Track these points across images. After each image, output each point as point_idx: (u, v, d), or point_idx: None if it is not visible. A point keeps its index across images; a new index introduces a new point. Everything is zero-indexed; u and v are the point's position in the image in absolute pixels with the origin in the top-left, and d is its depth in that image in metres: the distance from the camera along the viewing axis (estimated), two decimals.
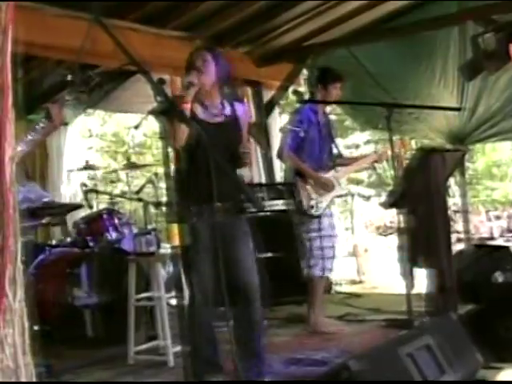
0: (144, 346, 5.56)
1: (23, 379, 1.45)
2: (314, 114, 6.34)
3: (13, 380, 1.43)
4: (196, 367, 3.90)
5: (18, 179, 1.49)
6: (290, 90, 9.49)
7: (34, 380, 1.47)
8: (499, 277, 6.77)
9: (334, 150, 6.61)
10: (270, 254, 7.18)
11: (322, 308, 6.43)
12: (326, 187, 6.25)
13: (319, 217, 6.20)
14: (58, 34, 6.28)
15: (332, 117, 8.31)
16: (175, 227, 2.63)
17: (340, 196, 6.69)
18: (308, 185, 6.21)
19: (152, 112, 2.87)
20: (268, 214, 7.23)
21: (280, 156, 6.47)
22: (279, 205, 7.30)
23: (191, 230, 4.36)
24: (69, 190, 8.91)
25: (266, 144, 8.82)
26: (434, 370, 2.91)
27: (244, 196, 4.65)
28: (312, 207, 6.17)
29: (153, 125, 17.88)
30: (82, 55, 3.41)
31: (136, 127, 5.05)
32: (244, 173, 5.34)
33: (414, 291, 5.06)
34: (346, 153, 7.23)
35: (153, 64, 3.00)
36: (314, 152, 6.32)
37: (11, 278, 1.45)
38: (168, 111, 2.78)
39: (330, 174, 6.37)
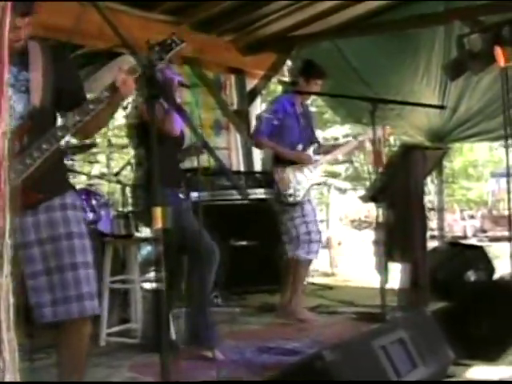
0: (116, 328, 5.56)
1: (6, 355, 1.45)
2: (290, 105, 6.42)
3: None
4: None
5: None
6: (275, 79, 9.51)
7: (16, 355, 1.48)
8: (472, 276, 6.83)
9: (314, 141, 6.66)
10: (244, 243, 7.21)
11: (303, 296, 6.51)
12: (305, 162, 6.31)
13: (298, 204, 6.25)
14: (44, 12, 6.23)
15: (312, 109, 8.34)
16: (156, 210, 2.63)
17: (317, 184, 6.70)
18: (286, 170, 6.26)
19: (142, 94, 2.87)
20: (245, 202, 7.23)
21: (252, 141, 6.52)
22: (257, 193, 7.30)
23: (176, 212, 4.61)
24: None
25: (246, 132, 8.82)
26: (406, 363, 2.94)
27: (230, 183, 4.78)
28: (290, 195, 6.21)
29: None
30: (73, 35, 3.39)
31: (125, 108, 5.08)
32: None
33: (388, 286, 5.09)
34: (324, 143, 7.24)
35: (139, 47, 2.99)
36: (290, 142, 6.39)
37: None
38: (159, 96, 2.78)
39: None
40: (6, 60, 1.47)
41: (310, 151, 6.45)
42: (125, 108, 5.24)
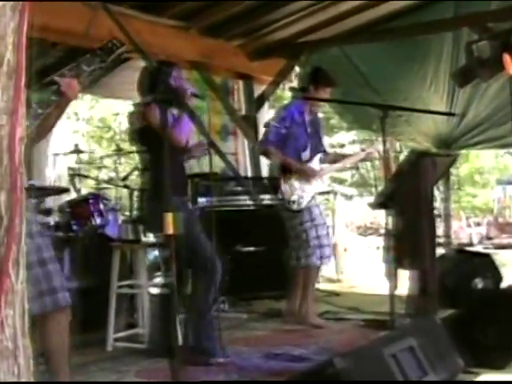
0: (123, 333, 5.56)
1: (21, 361, 1.45)
2: (298, 113, 6.40)
3: (10, 361, 1.44)
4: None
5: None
6: (286, 86, 9.51)
7: (31, 362, 1.48)
8: (479, 283, 6.81)
9: (321, 150, 6.66)
10: (251, 248, 7.21)
11: (313, 301, 6.49)
12: (309, 176, 6.31)
13: (306, 209, 6.24)
14: (54, 15, 6.25)
15: (319, 115, 8.30)
16: (168, 216, 2.63)
17: (323, 193, 6.71)
18: (291, 179, 6.25)
19: (155, 99, 2.88)
20: (252, 208, 7.23)
21: (259, 150, 6.52)
22: (264, 199, 7.30)
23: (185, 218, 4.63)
24: (54, 173, 8.87)
25: (254, 138, 8.82)
26: (416, 371, 2.94)
27: (240, 187, 4.82)
28: (294, 202, 6.21)
29: None
30: (83, 39, 3.40)
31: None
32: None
33: (395, 293, 5.08)
34: (331, 152, 7.25)
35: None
36: (297, 150, 6.39)
37: (14, 259, 1.45)
38: (171, 100, 2.79)
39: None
40: (24, 65, 1.47)
41: (317, 159, 6.45)
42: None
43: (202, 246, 4.87)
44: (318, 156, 6.50)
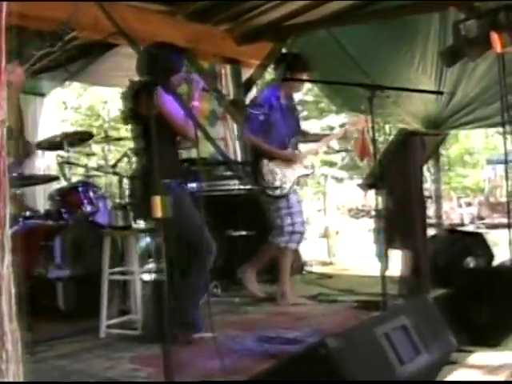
0: (116, 320, 5.55)
1: (9, 346, 1.44)
2: (275, 98, 6.50)
3: None
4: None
5: None
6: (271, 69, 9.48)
7: (19, 346, 1.47)
8: (471, 262, 6.83)
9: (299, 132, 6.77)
10: (243, 233, 7.21)
11: (292, 282, 6.69)
12: (290, 162, 6.37)
13: (285, 196, 6.31)
14: (37, 3, 6.20)
15: (308, 98, 8.37)
16: (156, 199, 2.61)
17: (305, 176, 6.74)
18: (272, 165, 6.31)
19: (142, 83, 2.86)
20: (242, 192, 7.23)
21: (245, 139, 6.57)
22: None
23: (178, 201, 4.65)
24: (43, 162, 8.85)
25: (242, 123, 8.80)
26: (409, 350, 2.93)
27: (231, 171, 4.84)
28: (277, 188, 6.26)
29: None
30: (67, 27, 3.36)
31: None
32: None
33: (387, 273, 5.07)
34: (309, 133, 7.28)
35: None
36: (276, 135, 6.46)
37: (0, 244, 1.43)
38: (157, 84, 2.77)
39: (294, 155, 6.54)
40: (4, 49, 1.45)
41: (296, 142, 6.57)
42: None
43: (196, 226, 4.86)
44: (297, 139, 6.57)
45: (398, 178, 5.08)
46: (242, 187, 7.07)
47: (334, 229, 11.51)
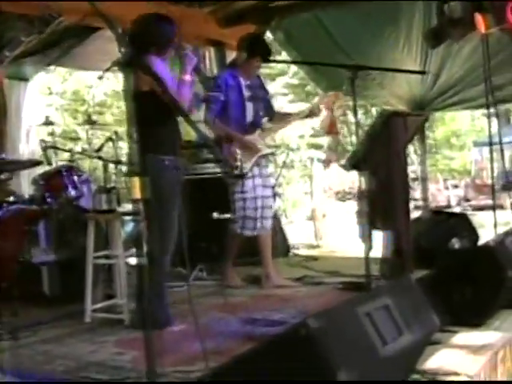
0: (101, 304, 5.54)
1: None
2: (232, 78, 6.53)
3: None
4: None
5: None
6: None
7: None
8: (456, 243, 6.85)
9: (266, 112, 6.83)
10: (227, 215, 7.19)
11: (276, 264, 6.81)
12: (250, 149, 6.38)
13: (244, 177, 6.36)
14: None
15: (293, 81, 8.35)
16: (137, 180, 2.59)
17: (265, 155, 6.70)
18: (234, 146, 6.33)
19: (116, 63, 2.84)
20: (220, 175, 7.22)
21: (205, 121, 6.54)
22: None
23: (161, 182, 4.64)
24: (28, 147, 8.82)
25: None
26: (391, 330, 2.93)
27: (211, 153, 4.82)
28: (237, 168, 6.28)
29: (113, 84, 17.87)
30: (45, 10, 3.35)
31: (100, 78, 5.04)
32: None
33: (372, 254, 5.09)
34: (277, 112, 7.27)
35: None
36: (235, 116, 6.50)
37: None
38: (132, 62, 2.74)
39: (255, 135, 6.54)
40: None
41: (261, 122, 6.65)
42: (100, 78, 5.21)
43: (175, 215, 4.89)
44: (263, 119, 6.61)
45: (380, 158, 5.07)
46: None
47: (321, 211, 11.54)
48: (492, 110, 7.46)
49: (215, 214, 7.09)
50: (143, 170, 2.58)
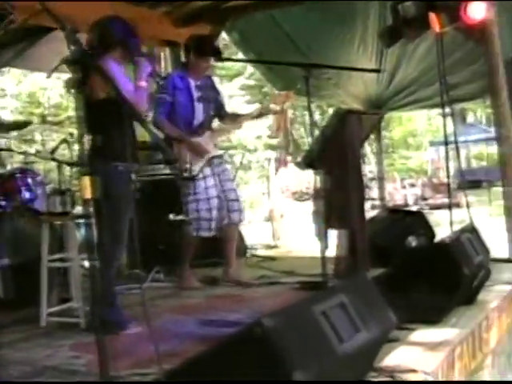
0: (57, 308, 5.47)
1: None
2: (180, 80, 6.50)
3: None
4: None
5: None
6: None
7: None
8: (412, 241, 6.88)
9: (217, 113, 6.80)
10: (183, 217, 7.15)
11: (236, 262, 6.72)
12: (198, 153, 6.37)
13: (194, 179, 6.33)
14: None
15: (250, 82, 8.36)
16: (85, 179, 2.56)
17: (214, 157, 6.67)
18: (183, 148, 6.31)
19: (65, 61, 2.81)
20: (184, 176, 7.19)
21: (154, 124, 6.49)
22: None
23: (113, 188, 4.59)
24: None
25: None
26: (348, 328, 2.92)
27: (162, 154, 4.79)
28: (186, 170, 6.26)
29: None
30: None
31: (48, 77, 4.99)
32: None
33: (329, 253, 5.08)
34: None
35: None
36: (184, 117, 6.47)
37: None
38: (81, 60, 2.70)
39: (205, 137, 6.52)
40: None
41: (206, 135, 6.54)
42: (48, 77, 5.17)
43: (126, 220, 4.87)
44: (213, 120, 6.64)
45: (335, 157, 5.07)
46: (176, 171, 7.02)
47: (279, 212, 11.55)
48: (447, 110, 7.50)
49: (171, 216, 7.04)
50: (93, 170, 2.54)
